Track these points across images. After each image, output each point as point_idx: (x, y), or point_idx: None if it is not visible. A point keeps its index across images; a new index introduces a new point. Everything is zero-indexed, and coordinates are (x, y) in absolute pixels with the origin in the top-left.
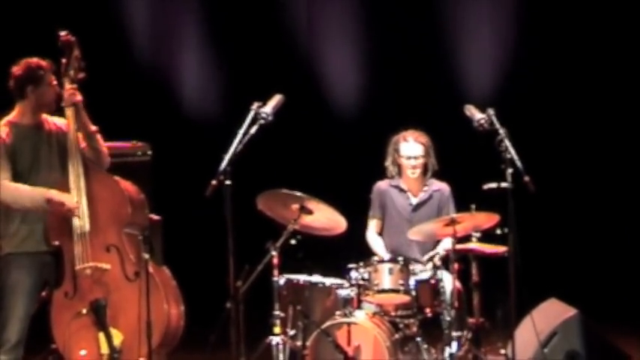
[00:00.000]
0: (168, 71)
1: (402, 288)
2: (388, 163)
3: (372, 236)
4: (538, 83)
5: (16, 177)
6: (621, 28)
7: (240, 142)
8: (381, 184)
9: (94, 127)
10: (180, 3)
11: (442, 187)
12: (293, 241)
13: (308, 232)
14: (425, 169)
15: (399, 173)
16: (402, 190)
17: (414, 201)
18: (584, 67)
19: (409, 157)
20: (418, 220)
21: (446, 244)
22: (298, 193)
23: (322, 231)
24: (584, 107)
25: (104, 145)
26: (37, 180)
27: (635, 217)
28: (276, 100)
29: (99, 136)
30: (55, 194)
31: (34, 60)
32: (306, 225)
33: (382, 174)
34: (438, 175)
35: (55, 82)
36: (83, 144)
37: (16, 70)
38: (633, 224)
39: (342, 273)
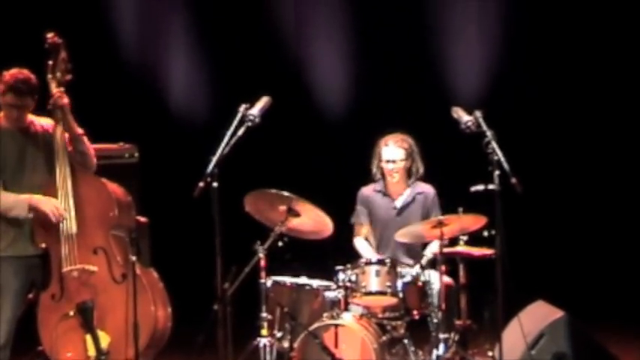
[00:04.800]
0: (156, 73)
1: (389, 290)
2: (373, 166)
3: (361, 242)
4: (526, 84)
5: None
6: (610, 27)
7: (227, 143)
8: (365, 190)
9: (80, 130)
10: (168, 5)
11: (426, 189)
12: (280, 243)
13: (295, 235)
14: (408, 173)
15: (383, 177)
16: (385, 195)
17: (398, 204)
18: (572, 68)
19: (388, 161)
20: (403, 223)
21: (434, 247)
22: (286, 193)
23: (309, 234)
24: (571, 108)
25: (91, 148)
26: (21, 182)
27: (623, 218)
28: (263, 102)
29: (85, 139)
30: (38, 202)
31: None
32: (293, 228)
33: (369, 177)
34: (425, 177)
35: (11, 99)
36: (70, 147)
37: None
38: (619, 225)
39: (330, 275)
